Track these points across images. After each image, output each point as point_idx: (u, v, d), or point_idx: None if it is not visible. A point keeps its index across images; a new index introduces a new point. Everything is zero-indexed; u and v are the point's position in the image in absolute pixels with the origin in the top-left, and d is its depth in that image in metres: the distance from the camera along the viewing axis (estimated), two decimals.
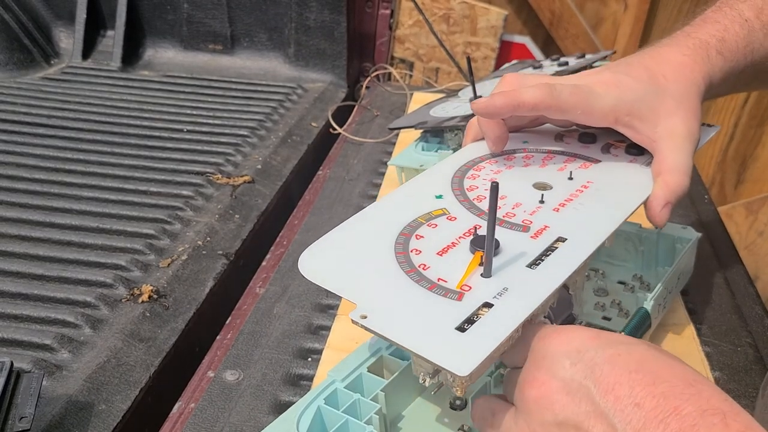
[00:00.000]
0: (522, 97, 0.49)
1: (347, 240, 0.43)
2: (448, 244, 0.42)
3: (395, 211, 0.46)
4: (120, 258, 0.72)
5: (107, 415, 0.54)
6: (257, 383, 0.54)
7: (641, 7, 1.68)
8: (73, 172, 0.89)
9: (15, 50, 1.22)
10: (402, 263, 0.40)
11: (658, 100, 0.50)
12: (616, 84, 0.50)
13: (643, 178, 0.51)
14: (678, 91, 0.51)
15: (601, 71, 0.53)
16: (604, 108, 0.50)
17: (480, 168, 0.52)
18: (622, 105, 0.50)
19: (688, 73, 0.52)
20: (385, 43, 1.30)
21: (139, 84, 1.19)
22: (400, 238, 0.43)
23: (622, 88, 0.50)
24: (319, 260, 0.41)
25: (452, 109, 0.84)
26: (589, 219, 0.45)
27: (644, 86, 0.50)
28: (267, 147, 1.00)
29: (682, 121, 0.50)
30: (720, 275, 0.70)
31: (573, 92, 0.50)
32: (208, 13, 1.27)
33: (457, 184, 0.49)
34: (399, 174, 0.83)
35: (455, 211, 0.46)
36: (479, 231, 0.43)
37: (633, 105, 0.50)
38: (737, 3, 0.55)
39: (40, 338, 0.60)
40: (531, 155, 0.54)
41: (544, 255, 0.41)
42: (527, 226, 0.44)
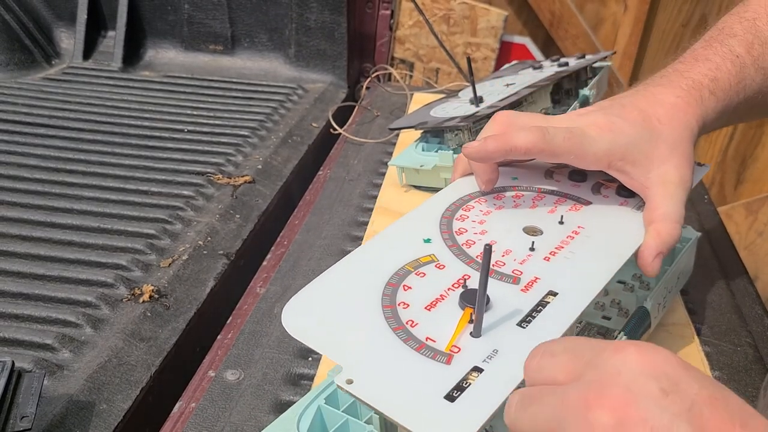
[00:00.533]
0: (514, 142, 0.49)
1: (332, 290, 0.41)
2: (437, 297, 0.41)
3: (383, 257, 0.44)
4: (121, 258, 0.72)
5: (108, 414, 0.54)
6: (258, 383, 0.54)
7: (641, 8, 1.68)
8: (74, 172, 0.89)
9: (16, 50, 1.22)
10: (389, 319, 0.39)
11: (651, 145, 0.50)
12: (609, 128, 0.50)
13: (634, 225, 0.50)
14: (672, 136, 0.50)
15: (594, 112, 0.52)
16: (597, 153, 0.49)
17: (469, 208, 0.51)
18: (615, 150, 0.49)
19: (681, 116, 0.51)
20: (386, 43, 1.30)
21: (139, 84, 1.19)
22: (387, 288, 0.41)
23: (616, 132, 0.50)
24: (304, 313, 0.39)
25: (452, 110, 0.84)
26: (580, 271, 0.44)
27: (638, 130, 0.50)
28: (267, 147, 1.00)
29: (674, 168, 0.50)
30: (720, 275, 0.70)
31: (566, 137, 0.49)
32: (209, 14, 1.27)
33: (446, 226, 0.48)
34: (399, 174, 0.83)
35: (444, 258, 0.45)
36: (468, 282, 0.42)
37: (626, 150, 0.49)
38: (727, 38, 0.55)
39: (41, 338, 0.60)
40: (521, 194, 0.53)
41: (535, 311, 0.40)
42: (517, 277, 0.43)
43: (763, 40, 0.54)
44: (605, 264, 0.45)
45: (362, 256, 0.45)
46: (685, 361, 0.30)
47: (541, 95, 0.89)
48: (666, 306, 0.58)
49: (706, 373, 0.55)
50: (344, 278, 0.43)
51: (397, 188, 0.83)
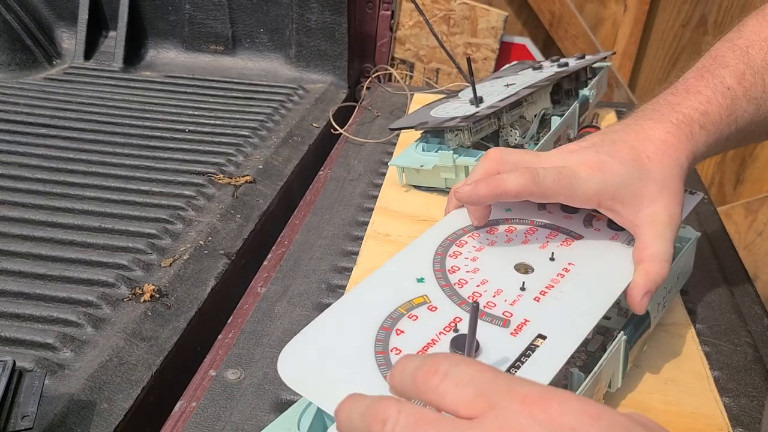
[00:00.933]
0: (505, 186, 0.49)
1: (326, 337, 0.42)
2: (428, 341, 0.41)
3: (377, 298, 0.45)
4: (122, 257, 0.72)
5: (109, 414, 0.55)
6: (258, 382, 0.54)
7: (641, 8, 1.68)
8: (76, 171, 0.89)
9: (17, 51, 1.22)
10: (382, 366, 0.39)
11: (641, 184, 0.50)
12: (599, 167, 0.50)
13: (624, 262, 0.51)
14: (661, 174, 0.51)
15: (585, 149, 0.52)
16: (587, 193, 0.50)
17: (462, 243, 0.52)
18: (605, 190, 0.50)
19: (672, 153, 0.51)
20: (386, 44, 1.30)
21: (140, 84, 1.20)
22: (380, 333, 0.42)
23: (606, 172, 0.50)
24: (298, 362, 0.39)
25: (453, 110, 0.85)
26: (569, 312, 0.45)
27: (628, 169, 0.50)
28: (268, 147, 1.01)
29: (664, 207, 0.50)
30: (719, 275, 0.70)
31: (556, 179, 0.49)
32: (210, 14, 1.27)
33: (438, 264, 0.49)
34: (399, 174, 0.83)
35: (436, 300, 0.45)
36: (459, 325, 0.43)
37: (616, 190, 0.50)
38: (719, 69, 0.55)
39: (42, 337, 0.60)
40: (513, 228, 0.54)
41: (524, 356, 0.41)
42: (507, 320, 0.44)
43: (755, 70, 0.54)
44: (594, 304, 0.46)
45: (356, 298, 0.45)
46: (601, 409, 0.27)
47: (541, 95, 0.89)
48: (665, 306, 0.58)
49: (705, 372, 0.55)
50: (338, 323, 0.43)
51: (398, 188, 0.83)
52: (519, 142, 0.82)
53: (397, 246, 0.71)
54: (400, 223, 0.76)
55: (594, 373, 0.44)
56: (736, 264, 0.74)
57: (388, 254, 0.69)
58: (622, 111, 1.12)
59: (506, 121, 0.82)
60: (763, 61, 0.55)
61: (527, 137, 0.83)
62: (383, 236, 0.73)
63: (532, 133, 0.84)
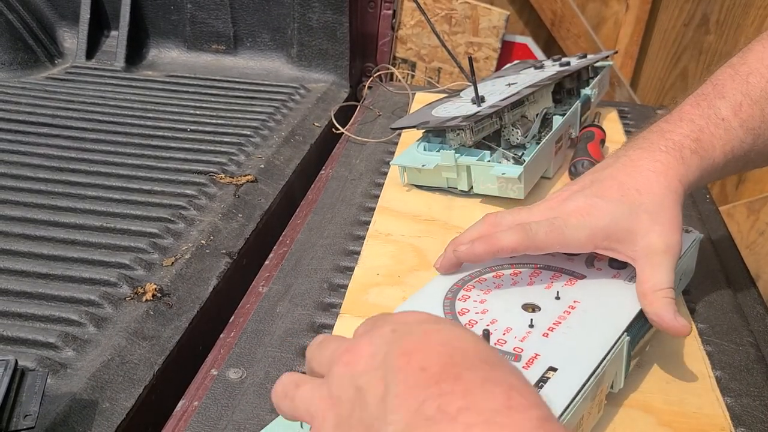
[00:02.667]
0: (500, 244, 0.52)
1: None
2: None
3: None
4: (124, 257, 0.72)
5: (111, 413, 0.55)
6: (260, 381, 0.54)
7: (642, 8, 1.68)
8: (77, 171, 0.89)
9: (19, 50, 1.22)
10: None
11: (632, 218, 0.51)
12: (588, 211, 0.51)
13: (627, 297, 0.52)
14: (653, 204, 0.51)
15: (575, 195, 0.53)
16: (580, 239, 0.51)
17: (470, 288, 0.53)
18: (597, 233, 0.51)
19: (662, 181, 0.52)
20: (388, 43, 1.30)
21: (142, 84, 1.20)
22: None
23: (596, 215, 0.51)
24: None
25: (454, 109, 0.85)
26: (578, 345, 0.46)
27: (617, 207, 0.51)
28: (270, 146, 1.01)
29: (659, 236, 0.50)
30: (721, 275, 0.70)
31: (548, 231, 0.51)
32: (212, 14, 1.27)
33: (449, 307, 0.50)
34: (401, 174, 0.83)
35: None
36: None
37: (608, 230, 0.51)
38: (715, 99, 0.55)
39: (44, 336, 0.60)
40: (518, 271, 0.55)
41: (536, 388, 0.42)
42: (518, 355, 0.45)
43: (753, 100, 0.54)
44: (602, 336, 0.47)
45: None
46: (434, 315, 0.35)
47: (543, 95, 0.89)
48: None
49: (707, 372, 0.55)
50: None
51: (399, 188, 0.83)
52: (521, 141, 0.82)
53: (399, 245, 0.71)
54: (401, 222, 0.76)
55: (597, 374, 0.44)
56: (738, 264, 0.74)
57: (390, 254, 0.69)
58: (624, 110, 1.12)
59: (508, 120, 0.82)
60: (763, 90, 0.54)
61: (529, 136, 0.83)
62: (385, 236, 0.73)
63: (533, 132, 0.84)
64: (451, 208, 0.79)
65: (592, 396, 0.44)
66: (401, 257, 0.69)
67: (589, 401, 0.44)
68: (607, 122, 1.01)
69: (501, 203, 0.78)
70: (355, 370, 0.32)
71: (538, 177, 0.82)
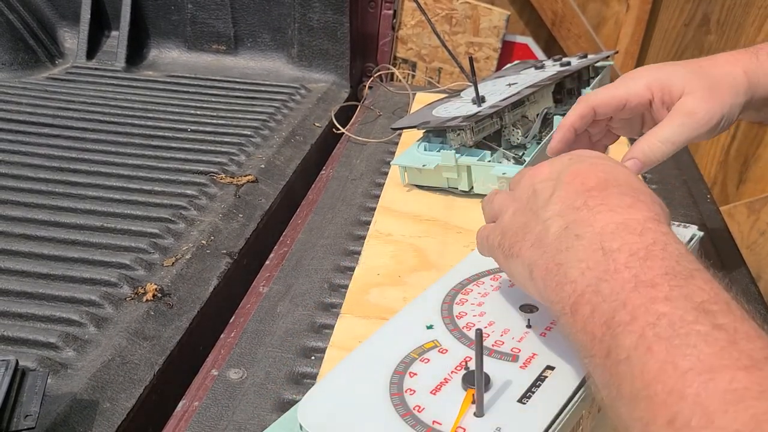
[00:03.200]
0: (567, 121, 0.59)
1: (343, 384, 0.44)
2: (441, 380, 0.43)
3: (389, 347, 0.47)
4: (124, 257, 0.72)
5: (112, 413, 0.55)
6: (261, 381, 0.54)
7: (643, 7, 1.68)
8: (78, 171, 0.89)
9: (20, 50, 1.22)
10: (398, 406, 0.41)
11: (686, 78, 0.55)
12: (658, 67, 0.58)
13: None
14: (708, 76, 0.55)
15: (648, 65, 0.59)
16: (638, 88, 0.57)
17: (468, 291, 0.53)
18: (653, 82, 0.56)
19: (728, 67, 0.56)
20: (388, 43, 1.30)
21: (143, 84, 1.20)
22: (394, 377, 0.43)
23: (662, 70, 0.57)
24: (319, 409, 0.41)
25: (455, 110, 0.85)
26: None
27: (679, 68, 0.57)
28: (270, 147, 1.01)
29: (693, 99, 0.54)
30: (722, 275, 0.70)
31: (605, 89, 0.58)
32: (212, 14, 1.27)
33: (446, 311, 0.51)
34: (402, 174, 0.83)
35: (446, 343, 0.47)
36: (470, 363, 0.44)
37: (663, 81, 0.56)
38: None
39: (44, 336, 0.60)
40: None
41: (534, 386, 0.42)
42: (516, 355, 0.45)
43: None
44: None
45: (370, 348, 0.47)
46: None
47: (544, 95, 0.89)
48: None
49: None
50: (354, 371, 0.45)
51: (400, 188, 0.83)
52: (521, 141, 0.82)
53: (400, 246, 0.71)
54: (402, 222, 0.76)
55: None
56: (738, 263, 0.73)
57: (391, 254, 0.69)
58: None
59: (508, 120, 0.82)
60: None
61: (529, 137, 0.83)
62: (385, 236, 0.73)
63: (534, 132, 0.84)
64: (452, 209, 0.79)
65: (592, 395, 0.45)
66: (402, 257, 0.69)
67: (588, 400, 0.44)
68: None
69: None
70: (534, 180, 0.43)
71: None
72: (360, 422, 0.40)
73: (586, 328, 0.34)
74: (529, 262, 0.40)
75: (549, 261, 0.38)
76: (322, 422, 0.40)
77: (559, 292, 0.37)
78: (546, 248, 0.39)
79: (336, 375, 0.44)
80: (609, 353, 0.32)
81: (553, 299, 0.38)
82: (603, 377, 0.33)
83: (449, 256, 0.69)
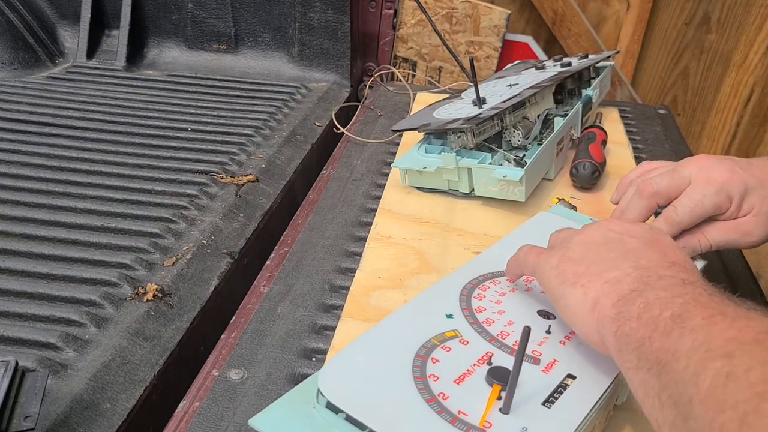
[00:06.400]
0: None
1: (365, 358, 0.43)
2: (464, 371, 0.43)
3: (409, 328, 0.47)
4: (125, 257, 0.72)
5: (112, 413, 0.55)
6: (261, 382, 0.54)
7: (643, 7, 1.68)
8: (78, 170, 0.89)
9: (20, 49, 1.22)
10: (422, 390, 0.41)
11: (761, 198, 0.56)
12: (740, 178, 0.57)
13: None
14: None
15: (723, 162, 0.58)
16: (717, 202, 0.58)
17: (485, 288, 0.53)
18: (724, 200, 0.57)
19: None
20: (389, 42, 1.30)
21: (143, 83, 1.20)
22: (417, 360, 0.43)
23: (734, 179, 0.57)
24: (340, 380, 0.41)
25: (455, 111, 0.84)
26: (595, 358, 0.46)
27: (756, 182, 0.57)
28: (271, 146, 1.01)
29: (755, 223, 0.56)
30: (723, 274, 0.70)
31: (692, 208, 0.58)
32: (213, 13, 1.27)
33: (465, 303, 0.51)
34: (402, 175, 0.83)
35: (467, 334, 0.47)
36: (493, 359, 0.44)
37: (742, 195, 0.57)
38: None
39: (44, 337, 0.60)
40: (531, 279, 0.55)
41: (557, 392, 0.42)
42: (537, 358, 0.45)
43: None
44: None
45: (390, 327, 0.47)
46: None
47: (544, 96, 0.89)
48: None
49: None
50: (374, 347, 0.45)
51: (400, 189, 0.83)
52: (522, 143, 0.82)
53: (401, 248, 0.71)
54: (402, 225, 0.76)
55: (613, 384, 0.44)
56: (740, 263, 0.73)
57: (392, 257, 0.69)
58: (625, 109, 1.12)
59: (509, 122, 0.82)
60: None
61: (530, 138, 0.83)
62: (386, 238, 0.73)
63: (535, 133, 0.84)
64: (453, 211, 0.78)
65: (605, 405, 0.45)
66: (402, 260, 0.69)
67: (603, 410, 0.44)
68: (608, 122, 1.01)
69: (503, 205, 0.78)
70: (616, 229, 0.48)
71: (539, 179, 0.82)
72: (384, 401, 0.40)
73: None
74: (594, 296, 0.42)
75: (620, 302, 0.41)
76: (344, 394, 0.40)
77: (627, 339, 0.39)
78: (620, 291, 0.41)
79: (356, 348, 0.44)
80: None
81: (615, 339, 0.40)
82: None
83: (450, 259, 0.69)
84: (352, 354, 0.44)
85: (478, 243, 0.72)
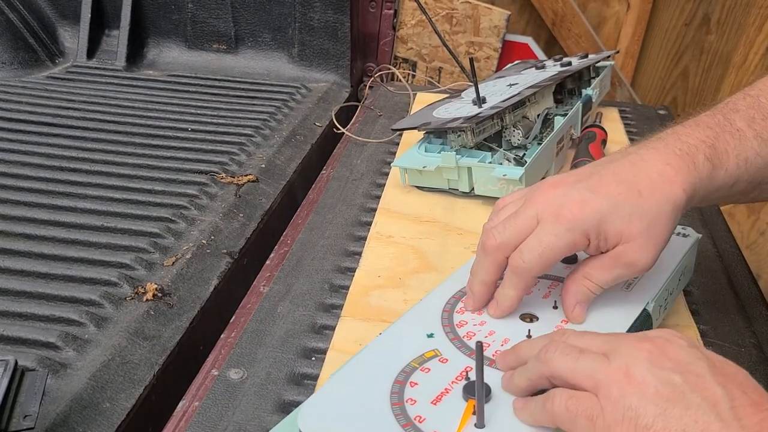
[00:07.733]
0: (502, 305, 0.52)
1: (344, 392, 0.43)
2: (442, 390, 0.43)
3: (389, 355, 0.46)
4: (125, 256, 0.72)
5: (111, 413, 0.55)
6: (261, 382, 0.54)
7: (643, 7, 1.68)
8: (78, 170, 0.89)
9: (20, 49, 1.22)
10: (398, 416, 0.41)
11: (624, 221, 0.49)
12: (580, 208, 0.49)
13: (625, 305, 0.52)
14: (649, 213, 0.49)
15: (570, 189, 0.51)
16: (573, 243, 0.50)
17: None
18: (583, 235, 0.49)
19: (666, 188, 0.49)
20: (389, 43, 1.30)
21: (143, 83, 1.20)
22: (395, 386, 0.43)
23: (587, 212, 0.49)
24: (320, 418, 0.41)
25: (455, 110, 0.84)
26: None
27: (611, 204, 0.49)
28: (271, 146, 1.01)
29: (634, 250, 0.49)
30: (723, 275, 0.70)
31: (540, 254, 0.50)
32: (213, 13, 1.27)
33: (447, 320, 0.51)
34: (402, 175, 0.83)
35: (446, 352, 0.47)
36: (470, 374, 0.44)
37: (599, 228, 0.49)
38: (730, 113, 0.55)
39: (44, 336, 0.60)
40: None
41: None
42: None
43: (764, 114, 0.54)
44: None
45: (371, 356, 0.47)
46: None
47: (544, 95, 0.89)
48: (668, 308, 0.58)
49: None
50: (354, 379, 0.45)
51: (400, 189, 0.83)
52: (522, 142, 0.82)
53: (401, 248, 0.71)
54: (402, 224, 0.75)
55: None
56: (739, 264, 0.73)
57: (391, 256, 0.69)
58: (625, 110, 1.12)
59: (509, 121, 0.82)
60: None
61: (530, 137, 0.83)
62: (386, 238, 0.73)
63: (535, 133, 0.84)
64: (453, 210, 0.78)
65: None
66: (402, 259, 0.69)
67: None
68: (608, 122, 1.01)
69: None
70: (671, 366, 0.38)
71: (539, 178, 0.82)
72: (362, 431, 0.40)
73: None
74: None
75: None
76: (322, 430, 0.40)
77: None
78: None
79: (336, 382, 0.44)
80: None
81: None
82: None
83: (450, 258, 0.69)
84: (331, 389, 0.44)
85: (477, 242, 0.72)
